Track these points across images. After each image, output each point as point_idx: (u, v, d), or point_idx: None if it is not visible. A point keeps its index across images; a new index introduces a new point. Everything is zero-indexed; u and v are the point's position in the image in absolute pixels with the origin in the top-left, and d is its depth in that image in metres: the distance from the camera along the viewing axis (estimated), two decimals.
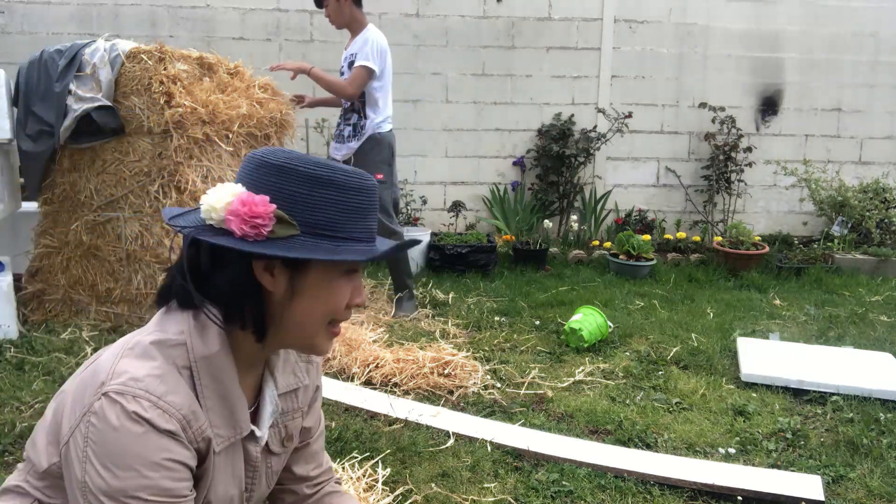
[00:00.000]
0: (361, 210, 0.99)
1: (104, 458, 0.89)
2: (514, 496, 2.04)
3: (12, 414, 2.45)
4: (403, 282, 3.87)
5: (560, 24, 5.52)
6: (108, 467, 0.89)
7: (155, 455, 0.91)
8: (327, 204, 0.96)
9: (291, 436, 1.18)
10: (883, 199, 5.28)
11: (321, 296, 1.00)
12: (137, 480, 0.89)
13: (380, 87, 3.68)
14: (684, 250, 5.30)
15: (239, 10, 5.29)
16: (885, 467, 2.25)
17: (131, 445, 0.90)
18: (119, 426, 0.89)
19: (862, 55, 5.73)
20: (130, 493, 0.89)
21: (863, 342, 3.48)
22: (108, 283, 3.44)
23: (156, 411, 0.91)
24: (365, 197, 0.99)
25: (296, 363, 1.19)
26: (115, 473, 0.89)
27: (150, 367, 0.94)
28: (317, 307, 1.00)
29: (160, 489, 0.91)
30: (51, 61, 3.35)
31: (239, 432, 1.03)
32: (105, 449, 0.90)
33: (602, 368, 3.08)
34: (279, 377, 1.14)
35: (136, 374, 0.92)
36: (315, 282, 0.99)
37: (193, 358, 0.97)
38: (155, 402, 0.91)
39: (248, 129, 3.63)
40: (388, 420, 2.52)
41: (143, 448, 0.90)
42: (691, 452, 2.36)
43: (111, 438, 0.89)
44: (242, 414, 1.04)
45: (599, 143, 5.48)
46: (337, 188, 0.96)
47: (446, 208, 5.51)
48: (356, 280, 1.04)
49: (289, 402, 1.17)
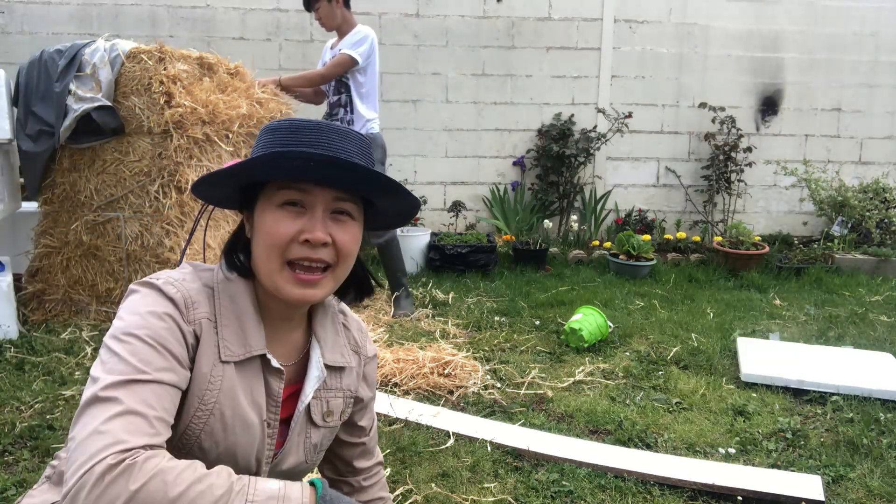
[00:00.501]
0: (284, 144, 1.02)
1: (120, 312, 1.02)
2: (514, 496, 2.04)
3: (12, 414, 2.45)
4: (398, 280, 3.87)
5: (560, 24, 5.52)
6: (121, 316, 1.01)
7: (157, 307, 1.01)
8: (261, 146, 1.06)
9: (332, 412, 1.21)
10: (883, 199, 5.28)
11: (260, 229, 1.05)
12: (138, 320, 0.99)
13: (366, 83, 3.69)
14: (684, 250, 5.30)
15: (239, 10, 5.29)
16: (885, 467, 2.25)
17: (142, 298, 1.03)
18: (140, 291, 1.04)
19: (862, 55, 5.73)
20: (131, 332, 0.98)
21: (863, 342, 3.48)
22: (108, 283, 3.44)
23: (168, 286, 1.04)
24: (292, 135, 1.03)
25: (344, 346, 1.23)
26: (123, 318, 1.00)
27: (180, 270, 1.09)
28: (260, 242, 1.05)
29: (156, 334, 0.99)
30: (51, 61, 3.35)
31: (248, 350, 1.07)
32: (121, 310, 1.03)
33: (602, 368, 3.08)
34: (326, 350, 1.19)
35: (167, 272, 1.08)
36: (258, 217, 1.06)
37: (217, 280, 1.09)
38: (171, 281, 1.05)
39: (248, 129, 3.63)
40: (388, 420, 2.52)
41: (151, 301, 1.02)
42: (691, 452, 2.36)
43: (129, 301, 1.04)
44: (255, 336, 1.08)
45: (599, 143, 5.48)
46: (268, 131, 1.06)
47: (446, 208, 5.51)
48: (305, 215, 1.04)
49: (333, 378, 1.20)
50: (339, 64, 3.61)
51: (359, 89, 3.68)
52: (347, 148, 1.03)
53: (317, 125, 1.03)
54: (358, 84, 3.67)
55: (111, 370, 0.93)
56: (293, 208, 1.03)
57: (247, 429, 1.07)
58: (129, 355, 0.94)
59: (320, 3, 3.63)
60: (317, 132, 1.02)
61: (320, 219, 1.04)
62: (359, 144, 1.06)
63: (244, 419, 1.07)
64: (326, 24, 3.71)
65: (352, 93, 3.68)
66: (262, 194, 1.06)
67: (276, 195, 1.03)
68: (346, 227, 1.07)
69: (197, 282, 1.07)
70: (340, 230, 1.06)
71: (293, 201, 1.03)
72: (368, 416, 1.33)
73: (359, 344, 1.27)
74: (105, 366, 0.94)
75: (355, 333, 1.27)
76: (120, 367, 0.93)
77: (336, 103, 3.74)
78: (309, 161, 0.98)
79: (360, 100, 3.69)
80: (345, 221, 1.07)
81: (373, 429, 1.36)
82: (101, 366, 0.95)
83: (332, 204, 1.05)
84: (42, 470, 2.09)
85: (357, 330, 1.28)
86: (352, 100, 3.69)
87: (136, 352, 0.95)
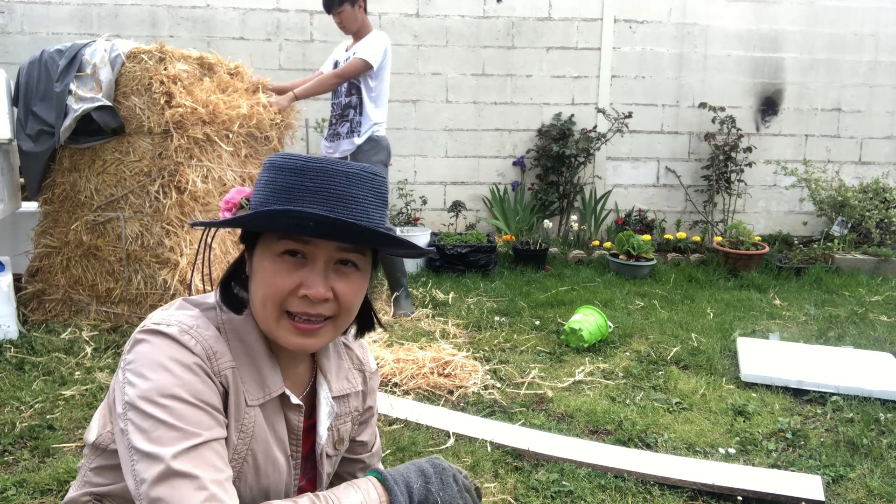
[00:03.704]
0: (289, 189, 0.93)
1: (139, 368, 0.93)
2: (514, 496, 2.04)
3: (12, 414, 2.45)
4: (398, 280, 3.88)
5: (560, 24, 5.53)
6: (142, 374, 0.92)
7: (186, 358, 0.94)
8: (262, 185, 0.98)
9: (343, 439, 1.20)
10: (883, 199, 5.28)
11: (258, 278, 1.00)
12: (170, 378, 0.92)
13: (377, 87, 3.72)
14: (684, 250, 5.30)
15: (239, 10, 5.29)
16: (885, 467, 2.25)
17: (163, 350, 0.94)
18: (152, 342, 0.95)
19: (862, 55, 5.73)
20: (166, 392, 0.91)
21: (863, 342, 3.48)
22: (108, 283, 3.44)
23: (186, 336, 0.96)
24: (296, 177, 0.94)
25: (349, 370, 1.21)
26: (147, 377, 0.92)
27: (185, 313, 1.01)
28: (257, 290, 1.00)
29: (195, 389, 0.93)
30: (51, 61, 3.35)
31: (268, 392, 1.04)
32: (139, 364, 0.94)
33: (602, 368, 3.08)
34: (333, 382, 1.17)
35: (171, 316, 0.99)
36: (257, 263, 1.00)
37: (221, 319, 1.03)
38: (186, 329, 0.97)
39: (249, 129, 3.63)
40: (387, 420, 2.52)
41: (175, 351, 0.94)
42: (691, 452, 2.36)
43: (144, 352, 0.94)
44: (272, 376, 1.05)
45: (599, 143, 5.48)
46: (272, 169, 0.97)
47: (446, 208, 5.51)
48: (306, 266, 0.97)
49: (342, 405, 1.18)
50: (353, 67, 3.64)
51: (370, 93, 3.71)
52: (356, 194, 0.95)
53: (323, 168, 0.94)
54: (369, 88, 3.71)
55: (160, 440, 0.88)
56: (293, 258, 0.97)
57: (277, 469, 1.07)
58: (175, 420, 0.89)
59: (343, 7, 3.65)
60: (324, 176, 0.93)
61: (321, 272, 0.97)
62: (369, 187, 0.97)
63: (274, 460, 1.07)
64: (346, 28, 3.75)
65: (363, 95, 3.72)
66: (262, 238, 1.00)
67: (276, 244, 0.97)
68: (349, 278, 1.00)
69: (210, 327, 1.00)
70: (343, 282, 0.99)
71: (293, 251, 0.97)
72: (369, 432, 1.30)
73: (362, 361, 1.25)
74: (150, 434, 0.89)
75: (357, 350, 1.25)
76: (171, 435, 0.89)
77: (347, 104, 3.77)
78: (308, 221, 0.91)
79: (370, 102, 3.73)
80: (348, 273, 1.00)
81: (375, 445, 1.33)
82: (144, 435, 0.89)
83: (334, 255, 0.98)
84: (41, 470, 2.09)
85: (358, 346, 1.26)
86: (362, 102, 3.73)
87: (183, 415, 0.90)
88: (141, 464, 0.88)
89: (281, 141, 3.92)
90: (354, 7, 3.66)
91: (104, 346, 3.12)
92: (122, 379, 0.94)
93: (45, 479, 2.03)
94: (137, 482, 0.88)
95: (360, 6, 3.68)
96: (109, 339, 3.21)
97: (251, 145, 3.71)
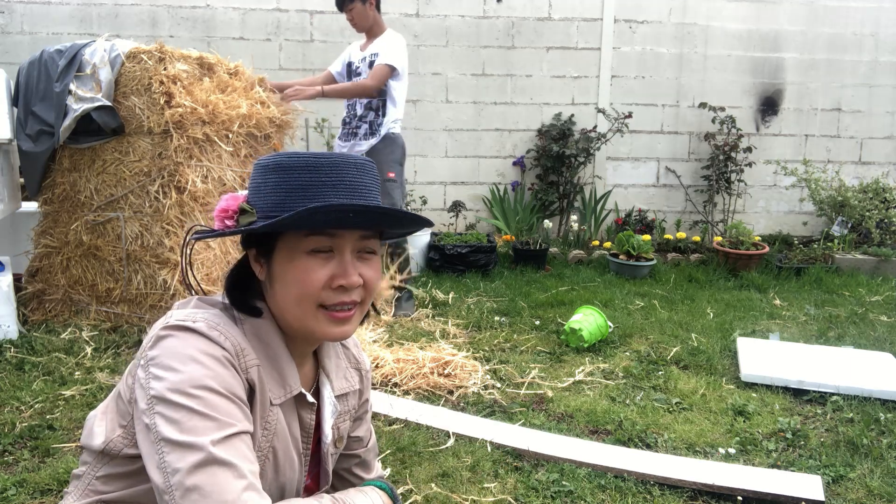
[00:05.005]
0: (306, 187, 0.98)
1: (167, 362, 0.92)
2: (514, 496, 2.04)
3: (12, 414, 2.45)
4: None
5: (560, 24, 5.53)
6: (172, 367, 0.92)
7: (216, 351, 0.95)
8: (272, 187, 1.00)
9: (342, 437, 1.23)
10: (883, 199, 5.28)
11: (288, 278, 1.01)
12: (202, 370, 0.92)
13: (399, 87, 3.76)
14: (684, 250, 5.30)
15: (239, 10, 5.29)
16: (885, 467, 2.25)
17: (193, 344, 0.94)
18: (180, 336, 0.95)
19: (862, 55, 5.73)
20: (198, 383, 0.90)
21: (863, 342, 3.48)
22: (108, 283, 3.44)
23: (214, 332, 0.97)
24: (312, 174, 0.98)
25: (346, 368, 1.24)
26: (178, 369, 0.91)
27: (209, 311, 1.02)
28: (289, 290, 1.02)
29: (227, 382, 0.93)
30: (51, 61, 3.35)
31: (289, 391, 1.07)
32: (167, 357, 0.93)
33: (602, 368, 3.07)
34: (334, 381, 1.19)
35: (195, 313, 1.00)
36: (281, 265, 1.02)
37: (239, 318, 1.04)
38: (213, 326, 0.98)
39: (248, 129, 3.63)
40: (387, 420, 2.52)
41: (205, 345, 0.95)
42: (691, 452, 2.35)
43: (172, 346, 0.94)
44: (292, 376, 1.07)
45: (599, 143, 5.48)
46: (280, 170, 0.99)
47: (446, 208, 5.51)
48: (334, 259, 1.02)
49: (342, 404, 1.22)
50: (383, 74, 3.66)
51: (391, 93, 3.76)
52: (366, 182, 1.02)
53: (335, 162, 1.00)
54: (391, 88, 3.75)
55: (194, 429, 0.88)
56: (322, 254, 1.01)
57: (292, 466, 1.10)
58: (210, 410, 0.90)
59: (354, 4, 3.66)
60: (337, 170, 0.99)
61: (351, 262, 1.02)
62: (371, 175, 1.04)
63: (291, 458, 1.09)
64: (358, 25, 3.75)
65: (385, 96, 3.76)
66: (282, 240, 1.02)
67: (304, 242, 1.00)
68: (371, 263, 1.07)
69: (233, 326, 1.01)
70: (368, 268, 1.05)
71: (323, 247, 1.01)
72: (365, 427, 1.32)
73: (358, 359, 1.28)
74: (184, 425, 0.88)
75: (353, 349, 1.29)
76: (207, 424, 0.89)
77: (368, 106, 3.79)
78: (348, 213, 0.96)
79: (391, 104, 3.77)
80: (370, 259, 1.06)
81: (371, 441, 1.35)
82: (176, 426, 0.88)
83: (357, 244, 1.04)
84: (41, 470, 2.09)
85: (353, 345, 1.30)
86: (385, 103, 3.76)
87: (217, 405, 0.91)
88: (173, 454, 0.87)
89: (281, 141, 3.92)
90: (366, 4, 3.67)
91: (104, 346, 3.12)
92: (144, 375, 0.93)
93: (45, 479, 2.03)
94: (168, 473, 0.87)
95: (371, 3, 3.69)
96: (109, 339, 3.21)
97: (251, 145, 3.71)
